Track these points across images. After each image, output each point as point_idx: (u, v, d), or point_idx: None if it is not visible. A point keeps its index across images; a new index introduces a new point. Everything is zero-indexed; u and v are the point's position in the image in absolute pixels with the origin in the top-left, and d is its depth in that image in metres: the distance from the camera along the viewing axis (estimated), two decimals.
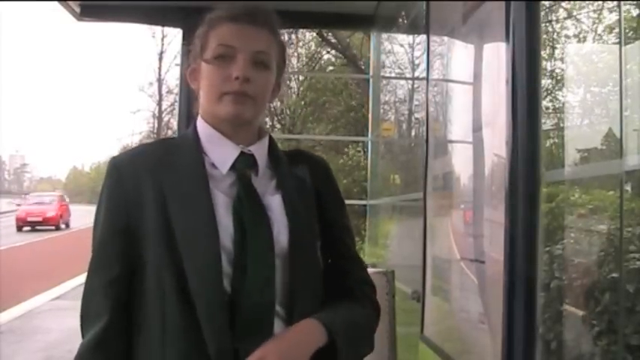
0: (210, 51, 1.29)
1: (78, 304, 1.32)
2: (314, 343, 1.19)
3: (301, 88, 19.96)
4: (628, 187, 2.50)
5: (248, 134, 1.32)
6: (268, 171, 1.32)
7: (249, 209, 1.24)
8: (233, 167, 1.28)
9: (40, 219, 26.68)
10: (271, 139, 1.36)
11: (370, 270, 1.49)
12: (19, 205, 32.04)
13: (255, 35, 1.29)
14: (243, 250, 1.21)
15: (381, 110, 5.15)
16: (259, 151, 1.32)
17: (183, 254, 1.19)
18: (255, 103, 1.28)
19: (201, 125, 1.32)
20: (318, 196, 1.35)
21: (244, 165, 1.29)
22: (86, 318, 1.31)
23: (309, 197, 1.33)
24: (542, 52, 1.77)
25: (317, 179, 1.37)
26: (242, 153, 1.29)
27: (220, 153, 1.29)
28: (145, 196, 1.24)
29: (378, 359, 1.54)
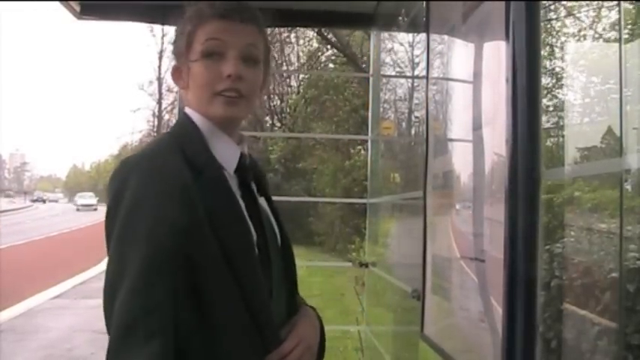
0: (198, 48, 1.27)
1: (77, 302, 1.28)
2: (319, 328, 1.40)
3: (301, 87, 19.93)
4: (628, 186, 2.50)
5: (238, 133, 1.34)
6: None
7: (261, 213, 1.31)
8: (236, 169, 1.29)
9: None
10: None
11: None
12: None
13: (243, 30, 1.28)
14: (266, 251, 1.28)
15: (381, 109, 5.14)
16: (246, 152, 1.34)
17: (233, 254, 1.19)
18: (247, 102, 1.29)
19: (201, 122, 1.29)
20: None
21: (245, 167, 1.31)
22: (134, 336, 1.09)
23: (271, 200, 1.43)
24: (542, 51, 1.77)
25: (265, 185, 1.44)
26: (241, 154, 1.31)
27: (227, 154, 1.29)
28: (190, 195, 1.17)
29: None
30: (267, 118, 22.16)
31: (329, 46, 16.90)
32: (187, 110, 1.31)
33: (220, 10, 1.28)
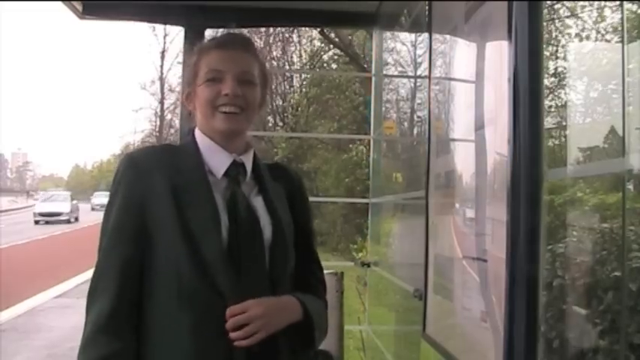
0: (202, 74, 1.53)
1: (81, 302, 1.44)
2: (292, 315, 1.49)
3: (304, 87, 19.92)
4: (630, 186, 2.50)
5: (239, 145, 1.57)
6: (252, 177, 1.58)
7: (240, 208, 1.49)
8: (226, 173, 1.53)
9: None
10: (254, 151, 1.62)
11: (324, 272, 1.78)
12: None
13: (239, 58, 1.54)
14: (237, 242, 1.45)
15: (384, 108, 5.14)
16: (247, 160, 1.57)
17: (196, 242, 1.41)
18: (245, 116, 1.54)
19: (199, 136, 1.56)
20: (292, 203, 1.62)
21: (235, 172, 1.54)
22: (94, 294, 1.43)
23: (285, 202, 1.60)
24: (545, 51, 1.77)
25: (291, 189, 1.65)
26: (234, 161, 1.54)
27: (216, 161, 1.54)
28: (158, 190, 1.44)
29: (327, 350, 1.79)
30: (270, 117, 22.17)
31: (331, 46, 16.90)
32: (196, 130, 1.58)
33: (219, 42, 1.56)
